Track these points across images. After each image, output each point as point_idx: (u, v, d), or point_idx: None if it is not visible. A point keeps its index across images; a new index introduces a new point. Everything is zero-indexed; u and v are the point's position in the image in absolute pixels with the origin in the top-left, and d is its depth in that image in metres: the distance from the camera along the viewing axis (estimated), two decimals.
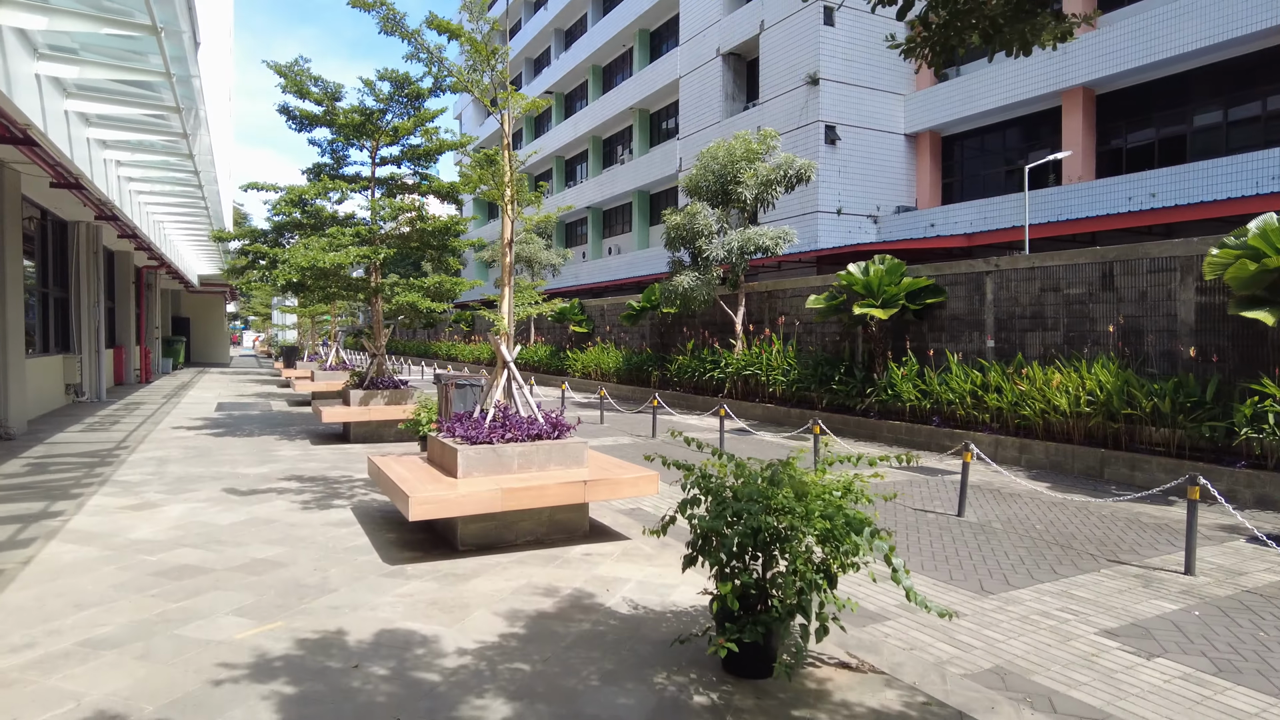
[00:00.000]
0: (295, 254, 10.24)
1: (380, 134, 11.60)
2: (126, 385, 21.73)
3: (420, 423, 9.35)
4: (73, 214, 15.25)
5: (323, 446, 10.78)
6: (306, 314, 24.53)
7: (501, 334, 6.32)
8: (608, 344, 25.36)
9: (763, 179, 17.21)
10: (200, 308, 38.75)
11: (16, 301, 11.19)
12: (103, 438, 11.14)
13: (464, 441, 5.93)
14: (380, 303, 11.86)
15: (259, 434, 11.95)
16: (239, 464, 9.24)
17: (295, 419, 14.10)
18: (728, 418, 14.92)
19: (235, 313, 58.48)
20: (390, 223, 11.57)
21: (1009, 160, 27.02)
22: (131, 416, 13.99)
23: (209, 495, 7.44)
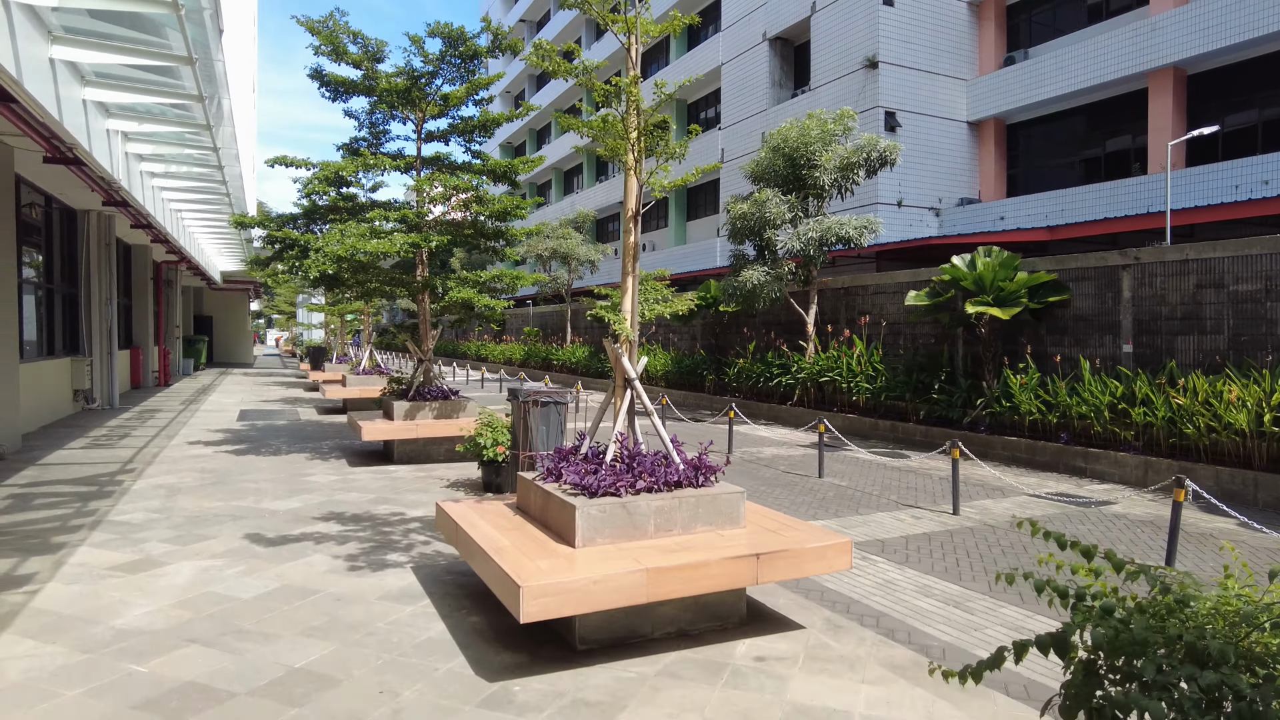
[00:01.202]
0: (330, 241, 8.60)
1: (427, 104, 9.93)
2: (143, 389, 20.28)
3: (484, 445, 7.68)
4: (81, 201, 13.74)
5: (363, 469, 9.14)
6: (335, 312, 22.99)
7: (623, 340, 4.63)
8: (654, 345, 23.65)
9: (842, 162, 15.41)
10: (223, 306, 37.45)
11: (7, 298, 9.63)
12: (107, 457, 9.56)
13: (579, 492, 4.23)
14: (427, 300, 10.20)
15: (287, 450, 10.34)
16: (264, 495, 7.61)
17: (327, 431, 12.49)
18: (799, 428, 13.11)
19: (258, 310, 57.36)
20: (441, 205, 9.91)
21: (1082, 149, 25.02)
22: (144, 428, 12.45)
23: (227, 546, 5.78)
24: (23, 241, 11.97)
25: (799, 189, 16.13)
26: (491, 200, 9.24)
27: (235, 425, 13.00)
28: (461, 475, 8.84)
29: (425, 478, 8.70)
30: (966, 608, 4.88)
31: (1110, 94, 23.51)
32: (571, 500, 4.09)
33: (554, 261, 30.75)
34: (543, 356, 30.60)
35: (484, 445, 7.75)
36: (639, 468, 4.33)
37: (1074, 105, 24.65)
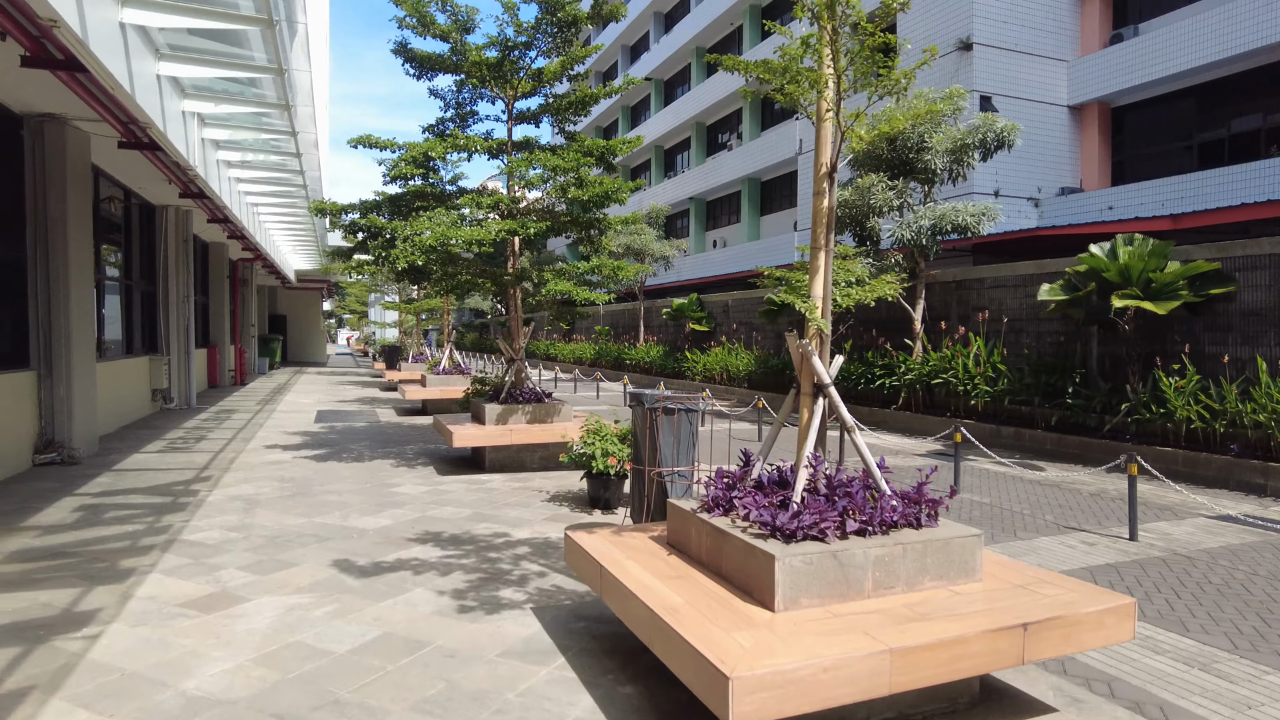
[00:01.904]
0: (419, 229, 7.79)
1: (519, 80, 9.08)
2: (220, 388, 20.06)
3: (593, 456, 6.76)
4: (159, 196, 13.34)
5: (453, 478, 8.32)
6: (410, 311, 22.51)
7: (812, 333, 3.62)
8: (734, 344, 22.56)
9: (954, 144, 14.11)
10: (297, 305, 37.65)
11: (84, 295, 9.10)
12: (182, 462, 8.95)
13: (769, 532, 3.23)
14: (519, 295, 9.35)
15: (369, 456, 9.61)
16: (350, 509, 6.82)
17: (409, 434, 11.77)
18: (908, 434, 11.82)
19: (329, 310, 58.02)
20: (536, 191, 9.04)
21: (1200, 131, 23.00)
22: (220, 429, 11.93)
23: (313, 576, 4.96)
24: (102, 237, 11.55)
25: (906, 174, 14.87)
26: (593, 183, 8.31)
27: (313, 427, 12.40)
28: (561, 487, 7.94)
29: (522, 489, 7.83)
30: (1217, 671, 3.75)
31: (1236, 69, 21.53)
32: (763, 546, 3.09)
33: (628, 257, 29.86)
34: (614, 356, 29.77)
35: (593, 456, 6.82)
36: (845, 503, 3.31)
37: (1191, 84, 22.70)
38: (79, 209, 8.97)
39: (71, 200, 8.77)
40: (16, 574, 4.87)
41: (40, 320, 8.57)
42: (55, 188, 8.60)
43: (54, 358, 8.62)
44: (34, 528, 6.00)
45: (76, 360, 8.82)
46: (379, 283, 27.85)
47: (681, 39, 40.78)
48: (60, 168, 8.61)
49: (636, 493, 5.64)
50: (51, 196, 8.58)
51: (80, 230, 9.01)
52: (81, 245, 9.03)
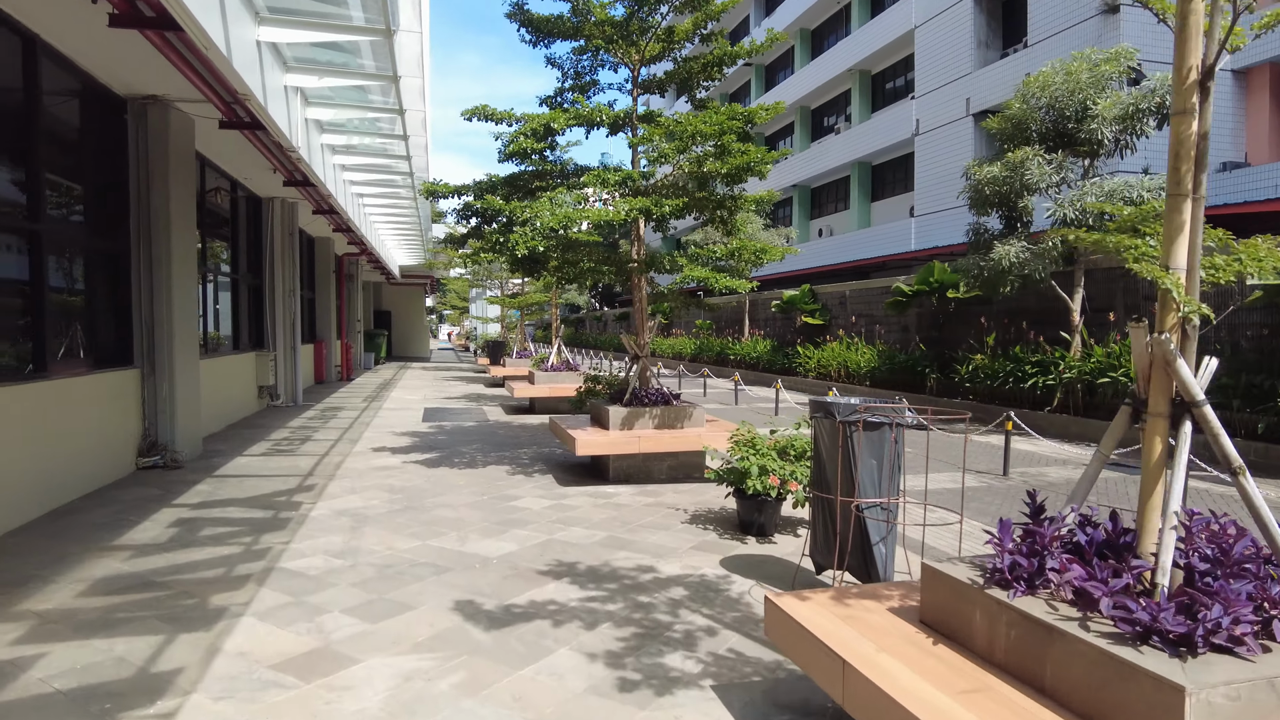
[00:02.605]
0: (541, 210, 6.86)
1: (645, 42, 8.04)
2: (326, 384, 19.91)
3: (746, 473, 5.65)
4: (265, 187, 12.96)
5: (575, 489, 7.37)
6: (515, 304, 21.92)
7: (1172, 324, 2.40)
8: (854, 339, 21.04)
9: (1125, 110, 12.32)
10: (401, 300, 37.96)
11: (188, 288, 8.59)
12: (286, 467, 8.32)
13: (1141, 636, 2.06)
14: (644, 284, 8.33)
15: (482, 462, 8.79)
16: (468, 529, 5.93)
17: (520, 436, 10.95)
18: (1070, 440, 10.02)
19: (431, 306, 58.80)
20: (665, 166, 7.99)
21: None
22: (326, 429, 11.39)
23: (433, 624, 4.04)
24: (209, 229, 11.15)
25: (1065, 146, 13.14)
26: (736, 153, 7.18)
27: (421, 427, 11.74)
28: (698, 504, 6.88)
29: (655, 505, 6.80)
30: None
31: None
32: (1152, 667, 1.91)
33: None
34: (717, 351, 28.57)
35: (747, 473, 5.72)
36: (1249, 586, 2.09)
37: None
38: (183, 197, 8.45)
39: (175, 188, 8.24)
40: (98, 613, 4.13)
41: (143, 315, 8.07)
42: (158, 175, 8.08)
43: (156, 354, 8.11)
44: (126, 547, 5.33)
45: (179, 357, 8.30)
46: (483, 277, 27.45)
47: (784, 20, 39.08)
48: (163, 153, 8.08)
49: (820, 528, 4.49)
50: (155, 184, 8.06)
51: (184, 220, 8.49)
52: (185, 236, 8.51)
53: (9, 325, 6.15)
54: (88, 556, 5.12)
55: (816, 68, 36.97)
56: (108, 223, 7.82)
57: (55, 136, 6.93)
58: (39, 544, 5.40)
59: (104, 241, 7.71)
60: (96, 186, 7.66)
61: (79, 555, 5.14)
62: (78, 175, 7.34)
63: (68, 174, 7.21)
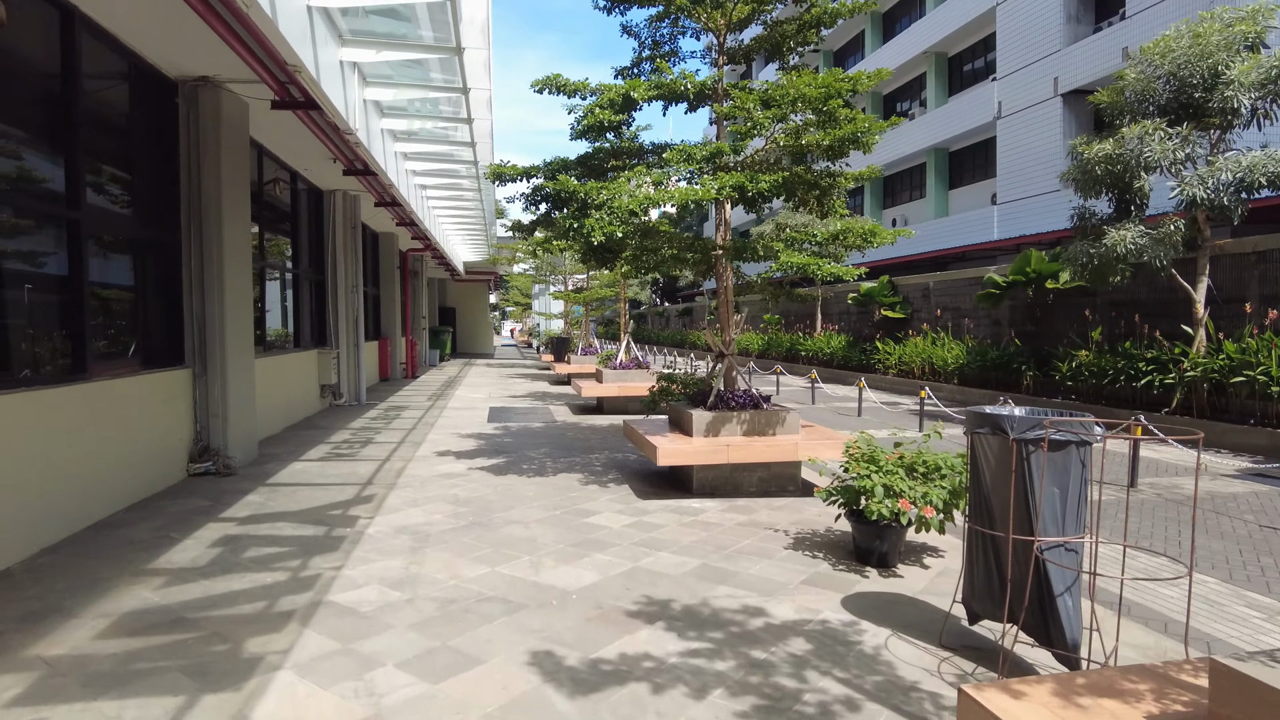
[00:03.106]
0: (619, 192, 6.09)
1: (732, 6, 7.18)
2: (391, 381, 19.58)
3: (867, 493, 4.77)
4: (325, 178, 12.51)
5: (656, 504, 6.59)
6: (581, 299, 21.29)
7: None
8: (939, 333, 19.79)
9: (1266, 74, 10.93)
10: (465, 297, 37.81)
11: (241, 282, 8.08)
12: (344, 474, 7.74)
13: None
14: (729, 273, 7.49)
15: (552, 468, 8.08)
16: (541, 552, 5.20)
17: (591, 439, 10.22)
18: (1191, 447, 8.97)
19: (494, 303, 58.84)
20: (758, 141, 7.12)
21: None
22: (389, 430, 10.85)
23: (506, 686, 3.29)
24: (268, 222, 10.71)
25: (1192, 118, 11.80)
26: (843, 120, 6.27)
27: (487, 428, 11.12)
28: (799, 524, 6.02)
29: (749, 526, 5.97)
30: None
31: None
32: None
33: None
34: (786, 347, 27.48)
35: (867, 493, 4.84)
36: None
37: None
38: (236, 185, 7.93)
39: (228, 175, 7.72)
40: (115, 661, 3.50)
41: (194, 311, 7.58)
42: (210, 161, 7.56)
43: (208, 353, 7.61)
44: (161, 572, 4.74)
45: (232, 356, 7.78)
46: (546, 273, 26.90)
47: None
48: (215, 138, 7.56)
49: (980, 569, 3.60)
50: (206, 171, 7.55)
51: (237, 209, 7.97)
52: (238, 226, 8.00)
53: (47, 322, 5.65)
54: (119, 582, 4.53)
55: (889, 51, 35.46)
56: (157, 213, 7.34)
57: (99, 119, 6.44)
58: (72, 564, 4.85)
59: (152, 232, 7.22)
60: (145, 174, 7.18)
61: (110, 581, 4.56)
62: (124, 162, 6.85)
63: (113, 160, 6.72)
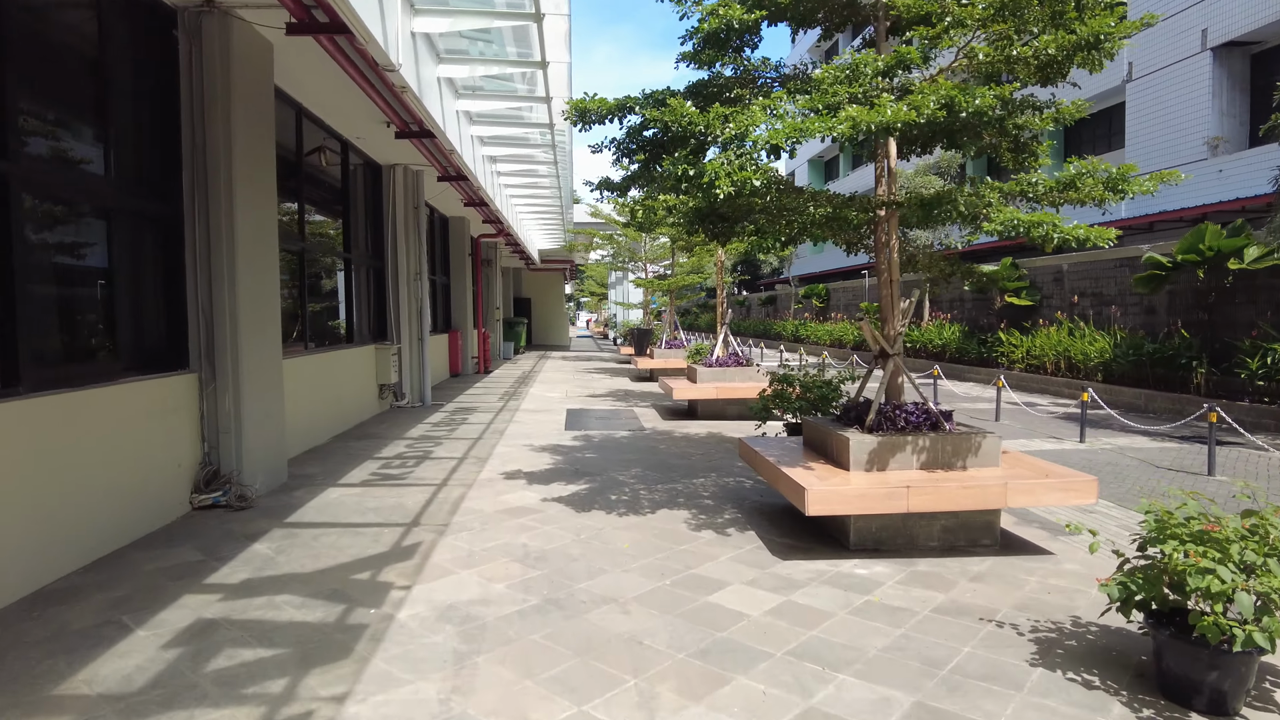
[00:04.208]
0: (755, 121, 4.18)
1: None
2: (462, 377, 18.10)
3: (1211, 592, 2.78)
4: (383, 151, 10.95)
5: (803, 567, 4.66)
6: (664, 286, 19.43)
7: None
8: (1078, 323, 17.19)
9: None
10: (540, 287, 36.43)
11: (260, 266, 6.48)
12: (387, 508, 6.05)
13: None
14: (895, 241, 5.48)
15: (648, 500, 6.24)
16: (653, 673, 3.33)
17: (689, 453, 8.35)
18: None
19: (569, 293, 57.47)
20: (944, 56, 5.09)
21: None
22: (451, 440, 9.19)
23: None
24: (314, 200, 9.16)
25: None
26: (1087, 6, 4.20)
27: (564, 438, 9.36)
28: (1025, 609, 4.02)
29: (954, 613, 3.99)
30: None
31: None
32: None
33: None
34: None
35: (1208, 596, 2.82)
36: None
37: None
38: (254, 144, 6.32)
39: (242, 129, 6.11)
40: None
41: (201, 302, 5.99)
42: (218, 112, 5.96)
43: (217, 354, 6.02)
44: (79, 697, 3.08)
45: (250, 357, 6.18)
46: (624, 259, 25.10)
47: None
48: (225, 82, 5.94)
49: None
50: (213, 124, 5.95)
51: (256, 174, 6.36)
52: (258, 195, 6.39)
53: None
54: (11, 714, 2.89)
55: None
56: (149, 177, 5.77)
57: (57, 47, 4.86)
58: None
59: (141, 201, 5.65)
60: (131, 127, 5.60)
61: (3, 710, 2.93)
62: (96, 109, 5.27)
63: (79, 104, 5.15)
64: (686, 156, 4.58)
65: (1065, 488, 4.86)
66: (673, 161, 4.49)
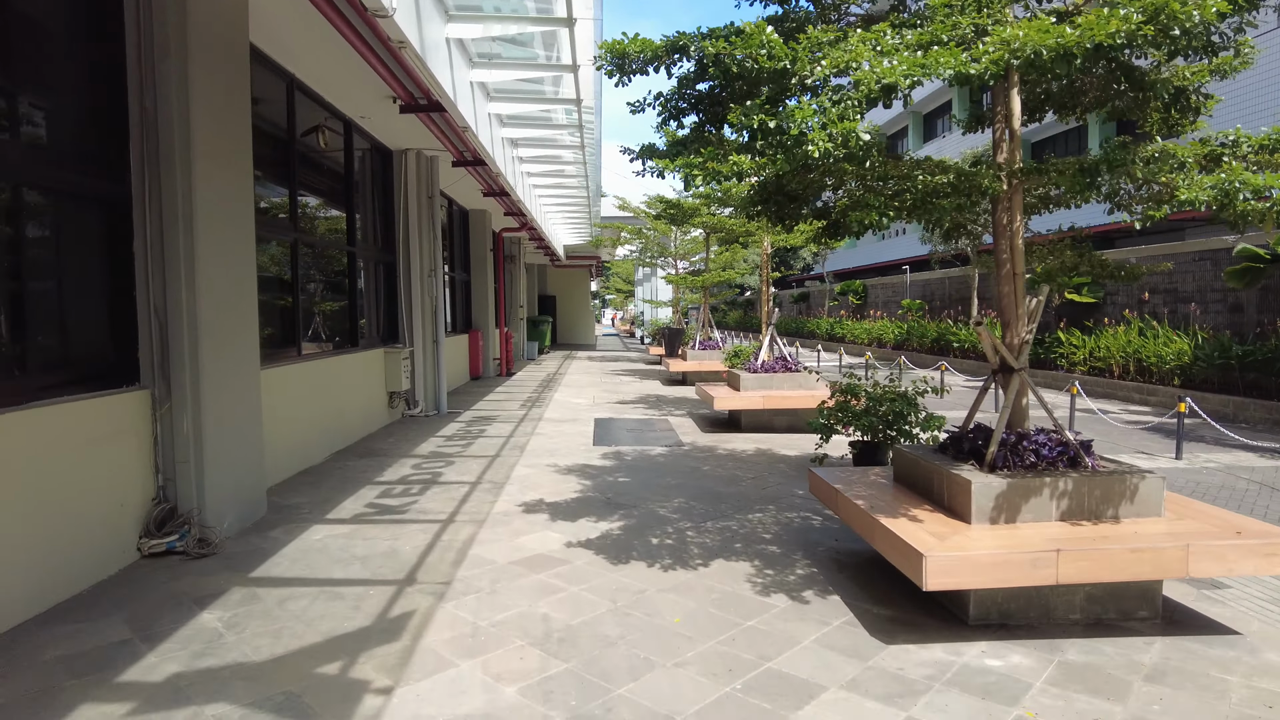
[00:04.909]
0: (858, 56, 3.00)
1: None
2: (483, 380, 17.03)
3: None
4: (391, 132, 9.87)
5: (918, 660, 3.46)
6: (699, 283, 18.24)
7: None
8: (1149, 322, 15.76)
9: None
10: (565, 284, 35.37)
11: (228, 258, 5.40)
12: (378, 555, 4.93)
13: None
14: (1019, 220, 4.26)
15: (699, 550, 5.07)
16: None
17: (739, 477, 7.16)
18: None
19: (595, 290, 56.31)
20: None
21: None
22: (464, 459, 8.09)
23: None
24: (310, 185, 8.11)
25: None
26: None
27: (593, 456, 8.22)
28: None
29: None
30: None
31: None
32: None
33: None
34: (932, 338, 23.57)
35: None
36: None
37: None
38: (220, 108, 5.23)
39: (202, 89, 5.01)
40: None
41: (154, 301, 4.91)
42: (172, 69, 4.87)
43: (172, 365, 4.94)
44: None
45: (214, 368, 5.09)
46: (653, 255, 23.91)
47: None
48: (180, 32, 4.85)
49: None
50: (166, 84, 4.86)
51: (223, 145, 5.28)
52: (224, 172, 5.30)
53: None
54: None
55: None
56: (88, 149, 4.69)
57: None
58: None
59: (78, 177, 4.57)
60: (71, 88, 4.53)
61: None
62: (28, 65, 4.20)
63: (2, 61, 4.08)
64: (761, 105, 3.39)
65: (1270, 551, 3.62)
66: (745, 111, 3.31)
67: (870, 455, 7.25)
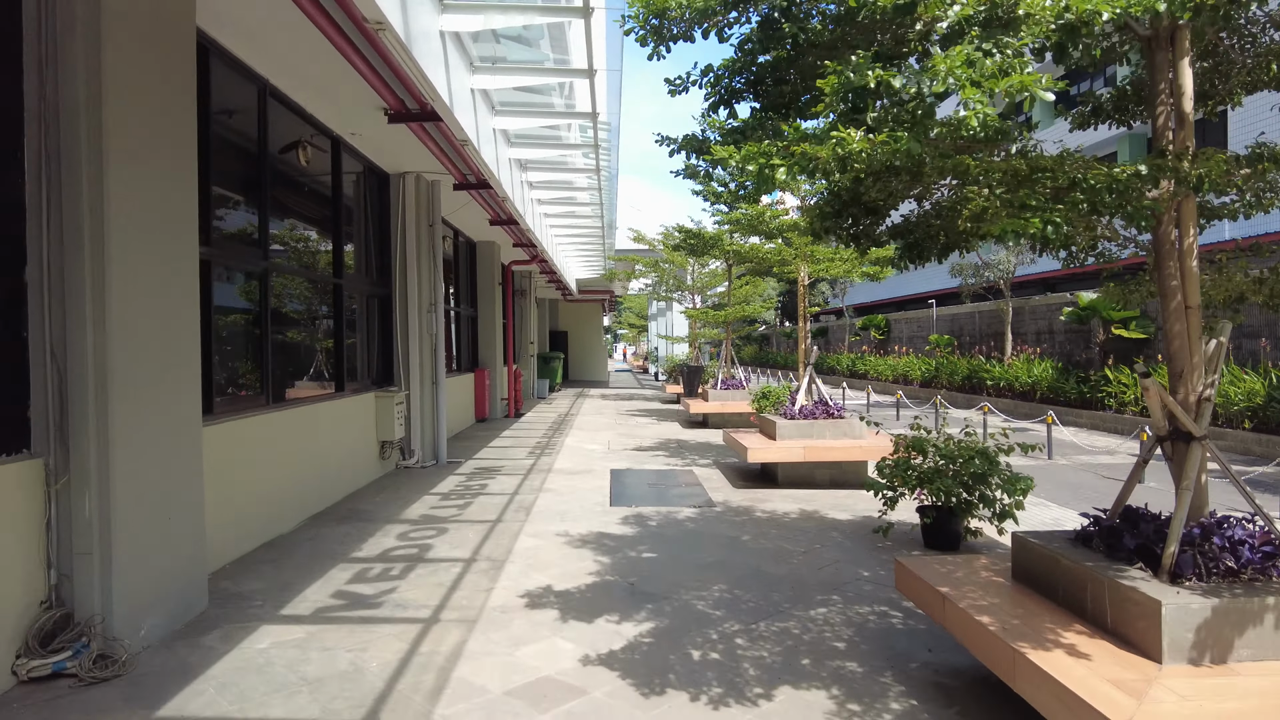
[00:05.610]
0: None
1: None
2: (489, 423, 15.89)
3: None
4: (385, 152, 8.87)
5: None
6: (721, 319, 17.14)
7: None
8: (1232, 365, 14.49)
9: None
10: (577, 318, 34.37)
11: (167, 287, 4.33)
12: (337, 675, 3.77)
13: None
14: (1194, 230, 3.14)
15: (752, 663, 3.88)
16: None
17: (788, 552, 5.95)
18: None
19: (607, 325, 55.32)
20: None
21: None
22: (458, 526, 6.92)
23: None
24: (286, 207, 7.10)
25: None
26: None
27: (609, 522, 7.03)
28: None
29: None
30: None
31: None
32: None
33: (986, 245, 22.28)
34: (963, 375, 22.29)
35: None
36: None
37: None
38: (145, 96, 4.20)
39: (117, 68, 3.98)
40: None
41: (51, 344, 3.83)
42: (77, 41, 3.84)
43: (72, 427, 3.84)
44: None
45: (129, 429, 3.98)
46: (669, 288, 22.88)
47: None
48: None
49: None
50: (69, 58, 3.83)
51: (150, 143, 4.23)
52: (150, 178, 4.24)
53: None
54: None
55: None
56: None
57: None
58: None
59: None
60: None
61: None
62: None
63: None
64: (867, 61, 2.28)
65: None
66: (853, 67, 2.20)
67: (944, 524, 6.06)
